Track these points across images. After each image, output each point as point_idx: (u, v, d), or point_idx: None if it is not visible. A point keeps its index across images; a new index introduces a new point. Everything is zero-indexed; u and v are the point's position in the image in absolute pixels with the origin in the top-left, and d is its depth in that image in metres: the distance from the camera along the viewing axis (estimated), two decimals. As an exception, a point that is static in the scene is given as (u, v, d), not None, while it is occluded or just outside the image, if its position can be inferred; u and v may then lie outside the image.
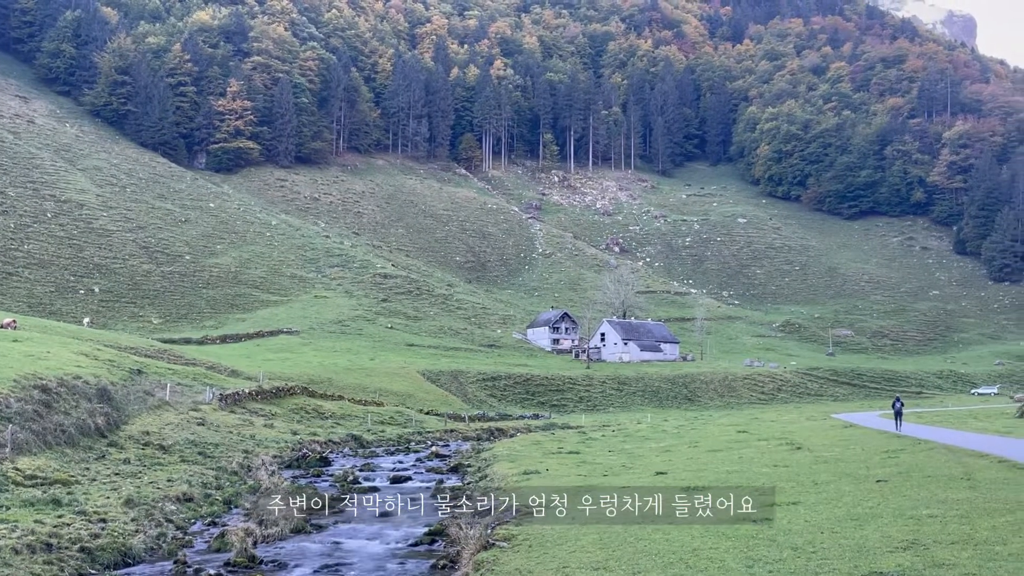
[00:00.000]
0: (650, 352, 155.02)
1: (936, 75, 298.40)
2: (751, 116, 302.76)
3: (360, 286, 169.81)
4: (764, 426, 68.41)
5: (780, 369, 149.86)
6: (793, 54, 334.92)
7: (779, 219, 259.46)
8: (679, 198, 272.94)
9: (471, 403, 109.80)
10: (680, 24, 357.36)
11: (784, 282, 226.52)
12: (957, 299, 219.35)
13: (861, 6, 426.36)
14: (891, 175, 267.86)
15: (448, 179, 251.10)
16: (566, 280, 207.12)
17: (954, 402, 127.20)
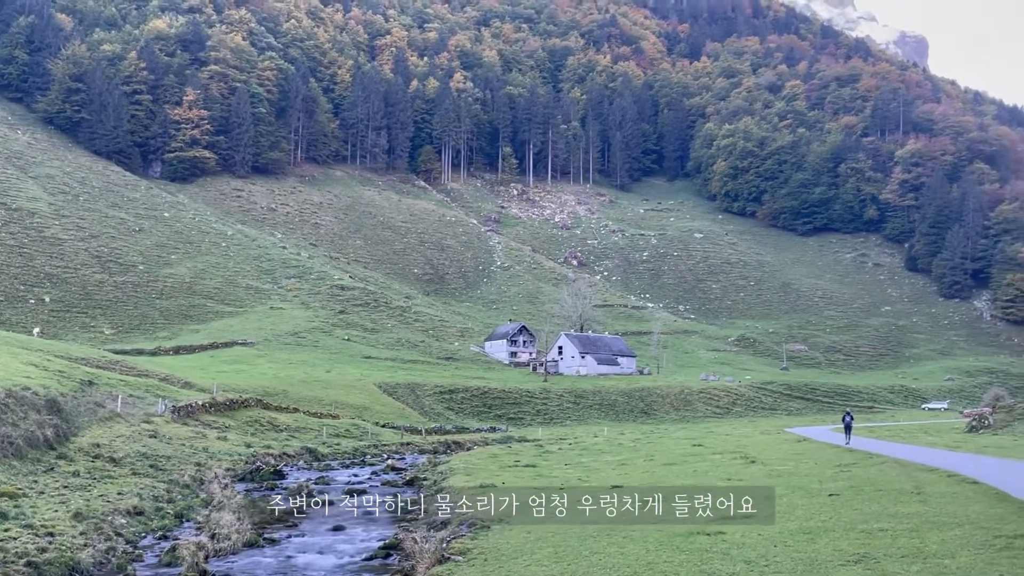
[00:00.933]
0: (607, 366, 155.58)
1: (889, 94, 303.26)
2: (708, 132, 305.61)
3: (317, 298, 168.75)
4: (719, 440, 68.97)
5: (735, 383, 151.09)
6: (749, 72, 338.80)
7: (735, 234, 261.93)
8: (637, 213, 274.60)
9: (428, 416, 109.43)
10: (638, 40, 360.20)
11: (740, 297, 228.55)
12: (908, 315, 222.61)
13: (816, 26, 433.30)
14: (845, 192, 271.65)
15: (407, 191, 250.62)
16: (524, 293, 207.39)
17: (905, 417, 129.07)
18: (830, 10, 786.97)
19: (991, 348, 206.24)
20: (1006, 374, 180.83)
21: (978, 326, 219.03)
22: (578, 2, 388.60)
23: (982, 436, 72.39)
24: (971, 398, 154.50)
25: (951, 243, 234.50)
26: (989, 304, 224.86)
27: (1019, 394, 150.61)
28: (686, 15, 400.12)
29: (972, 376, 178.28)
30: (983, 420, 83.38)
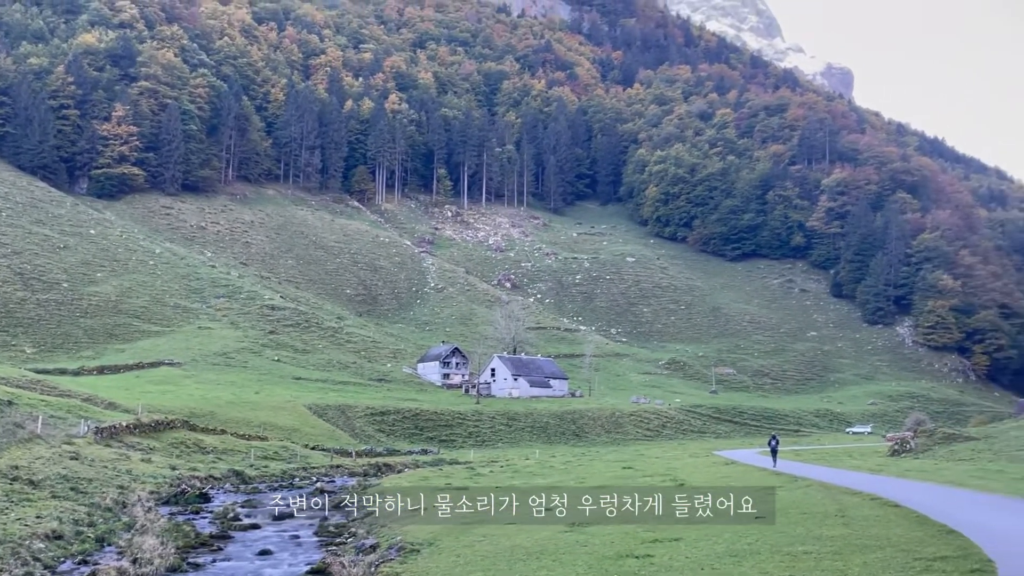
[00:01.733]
0: (539, 388, 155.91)
1: (816, 124, 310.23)
2: (640, 158, 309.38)
3: (246, 318, 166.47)
4: (649, 462, 69.45)
5: (665, 406, 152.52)
6: (681, 99, 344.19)
7: (666, 259, 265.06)
8: (570, 236, 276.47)
9: (359, 438, 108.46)
10: (573, 66, 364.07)
11: (670, 321, 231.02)
12: (834, 340, 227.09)
13: (746, 56, 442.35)
14: (773, 219, 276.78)
15: (340, 211, 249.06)
16: (458, 315, 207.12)
17: (830, 440, 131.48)
18: (759, 41, 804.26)
19: (913, 373, 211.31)
20: (927, 399, 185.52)
21: (900, 352, 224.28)
22: (513, 27, 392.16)
23: (904, 460, 73.98)
24: (893, 422, 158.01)
25: (875, 270, 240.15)
26: (911, 330, 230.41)
27: (939, 419, 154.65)
28: (620, 42, 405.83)
29: (894, 401, 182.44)
30: (905, 444, 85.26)
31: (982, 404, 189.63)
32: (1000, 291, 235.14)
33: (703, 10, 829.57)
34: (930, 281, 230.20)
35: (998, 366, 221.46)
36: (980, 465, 61.89)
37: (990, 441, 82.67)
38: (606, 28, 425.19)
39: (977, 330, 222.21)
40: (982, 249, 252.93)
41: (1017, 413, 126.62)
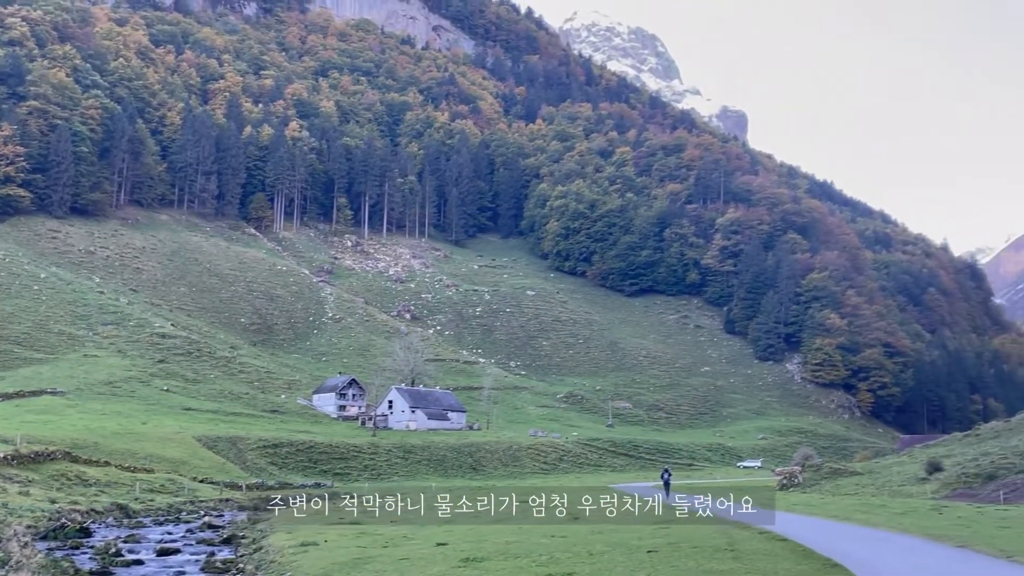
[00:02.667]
0: (437, 420, 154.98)
1: (711, 165, 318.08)
2: (542, 193, 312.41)
3: (135, 346, 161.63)
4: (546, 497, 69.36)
5: (563, 439, 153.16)
6: (582, 136, 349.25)
7: (566, 293, 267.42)
8: (471, 268, 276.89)
9: (250, 471, 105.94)
10: (476, 100, 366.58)
11: (569, 354, 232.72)
12: (726, 376, 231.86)
13: (645, 96, 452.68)
14: (669, 256, 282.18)
15: (236, 238, 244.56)
16: (355, 346, 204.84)
17: (722, 474, 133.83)
18: (658, 82, 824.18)
19: (801, 409, 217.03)
20: (814, 434, 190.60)
21: (790, 388, 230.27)
22: (417, 59, 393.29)
23: (792, 494, 75.68)
24: (782, 457, 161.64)
25: (766, 308, 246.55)
26: (800, 367, 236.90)
27: (826, 454, 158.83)
28: (523, 78, 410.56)
29: (783, 436, 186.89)
30: (793, 478, 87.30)
31: (866, 440, 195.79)
32: (884, 331, 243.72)
33: (604, 50, 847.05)
34: (818, 319, 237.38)
35: (882, 403, 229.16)
36: (864, 499, 63.71)
37: (873, 476, 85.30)
38: (510, 64, 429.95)
39: (862, 368, 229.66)
40: (867, 290, 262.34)
41: (899, 449, 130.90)
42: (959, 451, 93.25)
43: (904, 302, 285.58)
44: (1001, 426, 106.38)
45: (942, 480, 74.77)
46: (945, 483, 73.14)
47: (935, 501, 63.08)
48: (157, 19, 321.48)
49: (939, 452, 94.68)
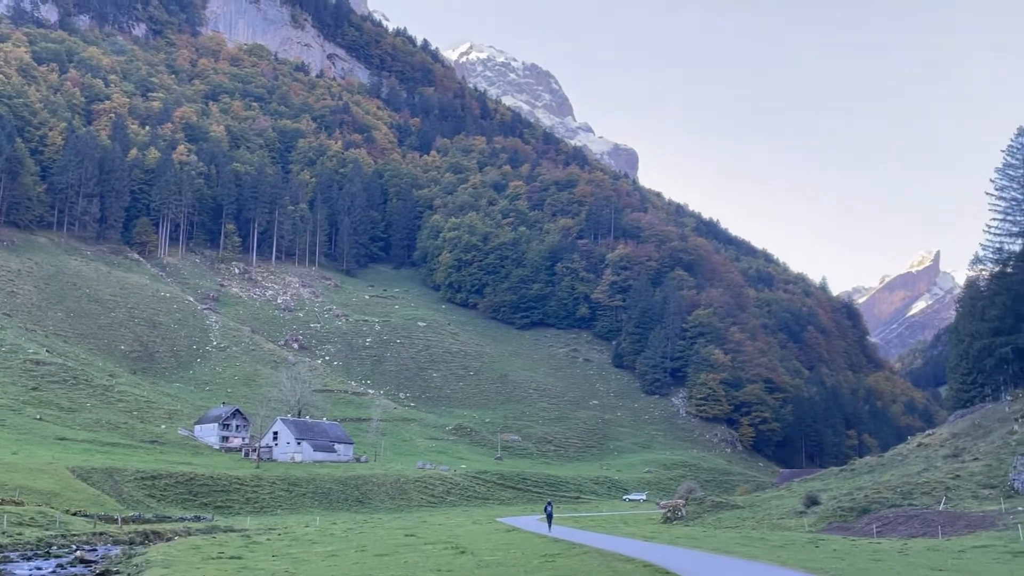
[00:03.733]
0: (324, 452, 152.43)
1: (602, 201, 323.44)
2: (435, 224, 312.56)
3: (7, 372, 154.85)
4: (432, 529, 68.94)
5: (451, 472, 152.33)
6: (476, 169, 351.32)
7: (457, 324, 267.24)
8: (362, 298, 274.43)
9: (127, 504, 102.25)
10: (371, 129, 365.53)
11: (459, 386, 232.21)
12: (614, 409, 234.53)
13: (539, 132, 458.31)
14: (560, 290, 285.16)
15: (119, 263, 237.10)
16: (241, 375, 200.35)
17: (608, 507, 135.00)
18: (552, 118, 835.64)
19: (686, 443, 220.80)
20: (698, 467, 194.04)
21: (675, 421, 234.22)
22: (311, 86, 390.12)
23: (676, 527, 76.78)
24: (667, 490, 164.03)
25: (653, 343, 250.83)
26: (685, 401, 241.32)
27: (709, 487, 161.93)
28: (418, 110, 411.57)
29: (669, 469, 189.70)
30: (677, 511, 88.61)
31: (748, 473, 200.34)
32: (765, 367, 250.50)
33: (499, 85, 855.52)
34: (703, 355, 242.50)
35: (762, 437, 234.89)
36: (744, 532, 65.08)
37: (754, 509, 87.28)
38: (405, 95, 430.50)
39: (744, 403, 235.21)
40: (750, 327, 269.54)
41: (779, 483, 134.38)
42: (835, 485, 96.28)
43: (785, 339, 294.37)
44: (874, 461, 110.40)
45: (819, 513, 77.02)
46: (822, 516, 75.37)
47: (812, 534, 64.92)
48: (41, 36, 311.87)
49: (816, 486, 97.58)
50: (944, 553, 45.54)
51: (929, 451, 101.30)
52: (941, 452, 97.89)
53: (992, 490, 73.92)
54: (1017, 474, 73.32)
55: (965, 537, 55.72)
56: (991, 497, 71.79)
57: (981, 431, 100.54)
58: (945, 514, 66.32)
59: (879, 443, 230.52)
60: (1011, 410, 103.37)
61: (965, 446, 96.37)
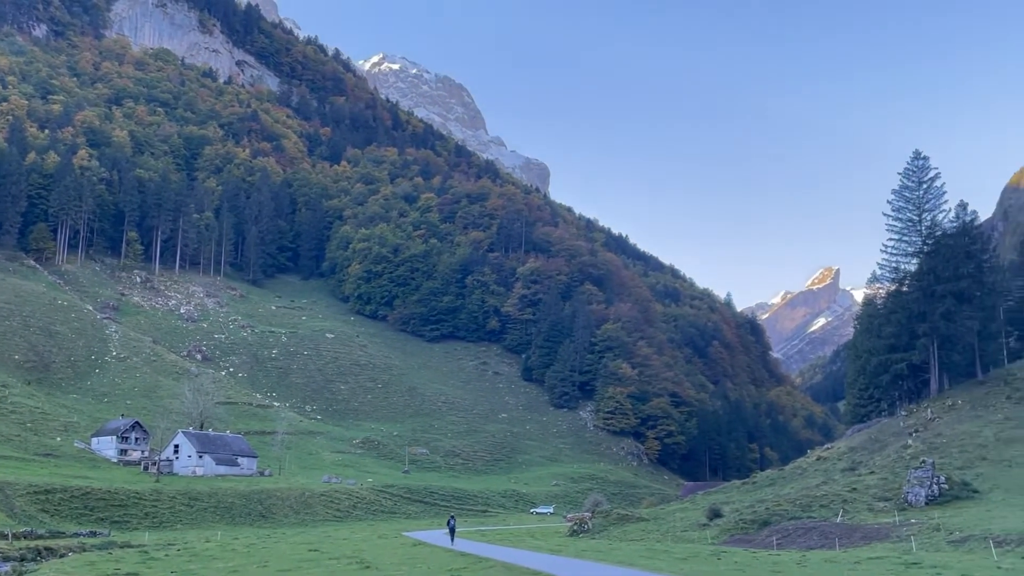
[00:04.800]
0: (226, 466, 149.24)
1: (514, 215, 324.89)
2: (345, 235, 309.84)
3: None
4: (337, 544, 68.02)
5: (357, 486, 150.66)
6: (387, 180, 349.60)
7: (366, 336, 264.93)
8: (269, 309, 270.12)
9: (18, 519, 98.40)
10: (280, 138, 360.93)
11: (367, 399, 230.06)
12: (522, 422, 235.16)
13: (451, 144, 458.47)
14: (470, 303, 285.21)
15: (14, 270, 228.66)
16: (141, 387, 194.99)
17: (516, 520, 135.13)
18: (464, 131, 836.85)
19: (593, 456, 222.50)
20: (605, 480, 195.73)
21: (583, 435, 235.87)
22: (219, 93, 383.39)
23: (581, 540, 77.18)
24: (574, 503, 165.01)
25: (562, 356, 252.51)
26: (593, 415, 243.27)
27: (615, 500, 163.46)
28: (329, 119, 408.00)
29: (576, 482, 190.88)
30: (583, 524, 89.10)
31: (653, 486, 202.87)
32: (671, 381, 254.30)
33: (412, 96, 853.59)
34: (611, 369, 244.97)
35: (668, 451, 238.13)
36: (649, 545, 65.75)
37: (659, 522, 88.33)
38: (315, 104, 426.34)
39: (651, 416, 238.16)
40: (657, 341, 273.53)
41: (683, 495, 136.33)
42: (737, 498, 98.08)
43: (690, 353, 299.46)
44: (775, 474, 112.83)
45: (721, 526, 78.32)
46: (724, 529, 76.64)
47: (715, 546, 65.95)
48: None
49: (719, 499, 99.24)
50: (841, 564, 46.67)
51: (827, 464, 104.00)
52: (839, 465, 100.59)
53: (887, 503, 76.17)
54: (911, 487, 75.69)
55: (861, 548, 57.27)
56: (886, 509, 73.96)
57: (877, 445, 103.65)
58: (842, 526, 68.08)
59: (780, 456, 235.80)
60: (905, 425, 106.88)
61: (862, 460, 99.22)
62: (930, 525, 62.00)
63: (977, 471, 79.73)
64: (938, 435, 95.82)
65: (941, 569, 42.10)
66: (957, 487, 74.63)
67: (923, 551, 52.60)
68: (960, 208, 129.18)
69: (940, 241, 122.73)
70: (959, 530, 57.98)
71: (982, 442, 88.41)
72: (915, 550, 53.19)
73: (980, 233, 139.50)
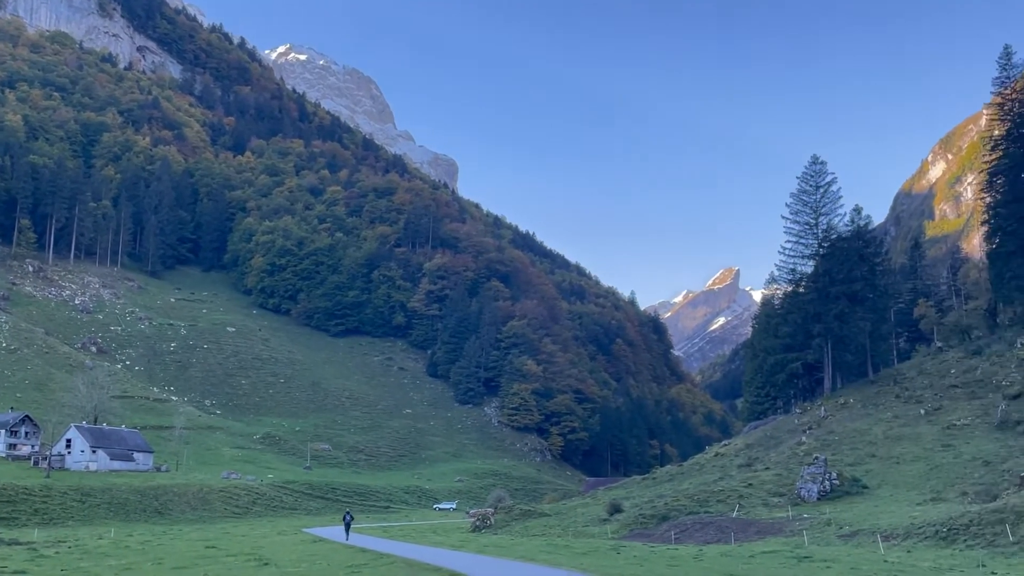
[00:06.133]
0: (121, 461, 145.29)
1: (421, 210, 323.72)
2: (248, 227, 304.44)
3: None
4: (235, 541, 66.93)
5: (257, 482, 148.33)
6: (293, 172, 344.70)
7: (268, 331, 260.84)
8: (168, 301, 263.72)
9: None
10: (182, 127, 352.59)
11: (269, 394, 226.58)
12: (427, 418, 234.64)
13: (359, 138, 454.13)
14: (376, 298, 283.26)
15: None
16: (32, 380, 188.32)
17: (419, 516, 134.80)
18: (372, 125, 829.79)
19: (497, 452, 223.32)
20: (508, 476, 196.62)
21: (487, 431, 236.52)
22: (119, 79, 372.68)
23: (484, 535, 77.46)
24: (478, 499, 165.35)
25: (468, 353, 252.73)
26: (497, 411, 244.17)
27: (518, 496, 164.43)
28: (233, 109, 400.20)
29: (479, 478, 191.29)
30: (486, 520, 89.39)
31: (556, 482, 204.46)
32: (576, 378, 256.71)
33: (319, 88, 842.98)
34: (516, 365, 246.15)
35: (571, 447, 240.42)
36: (550, 540, 66.36)
37: (561, 517, 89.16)
38: (219, 92, 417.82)
39: (555, 413, 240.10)
40: (562, 338, 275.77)
41: (585, 491, 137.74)
42: (637, 493, 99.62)
43: (594, 351, 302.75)
44: (675, 470, 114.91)
45: (621, 521, 79.47)
46: (624, 524, 77.79)
47: (615, 541, 66.91)
48: None
49: (620, 494, 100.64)
50: (736, 558, 47.87)
51: (725, 461, 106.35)
52: (736, 462, 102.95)
53: (781, 498, 78.27)
54: (804, 483, 77.93)
55: (756, 543, 58.78)
56: (780, 505, 76.00)
57: (773, 442, 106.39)
58: (738, 521, 69.77)
59: (680, 453, 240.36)
60: (799, 422, 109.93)
61: (758, 456, 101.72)
62: (822, 520, 63.97)
63: (867, 467, 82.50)
64: (831, 432, 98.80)
65: (831, 563, 43.53)
66: (848, 483, 77.12)
67: (815, 545, 54.28)
68: (855, 212, 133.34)
69: (835, 244, 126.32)
70: (849, 525, 59.97)
71: (872, 439, 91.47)
72: (807, 544, 54.84)
73: (873, 237, 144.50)
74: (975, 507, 55.33)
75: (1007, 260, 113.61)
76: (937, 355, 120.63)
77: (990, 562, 41.67)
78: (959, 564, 41.80)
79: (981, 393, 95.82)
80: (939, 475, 74.38)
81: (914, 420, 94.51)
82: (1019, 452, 73.16)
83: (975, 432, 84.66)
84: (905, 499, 69.28)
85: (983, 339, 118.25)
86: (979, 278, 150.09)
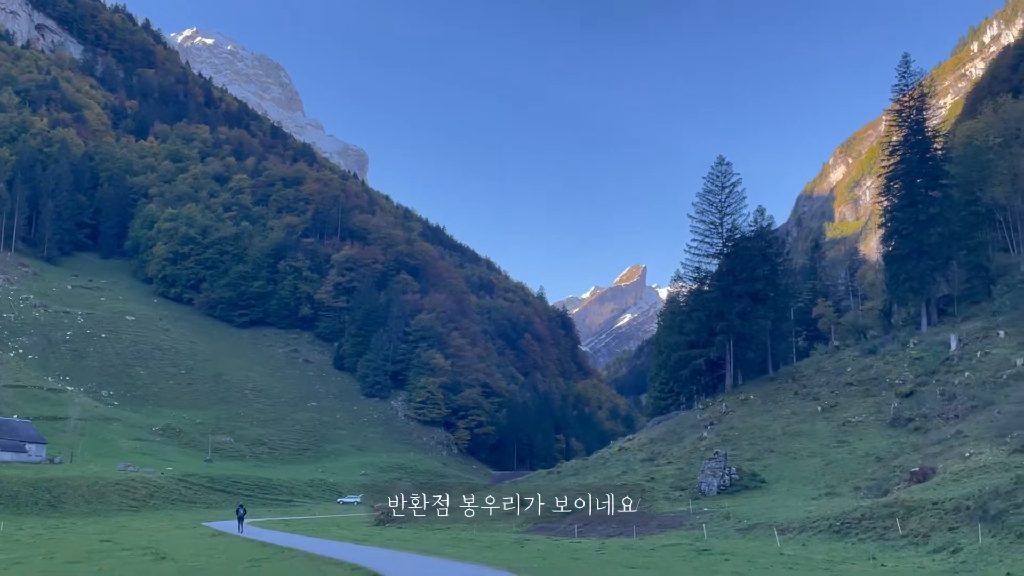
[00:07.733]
0: (12, 453, 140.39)
1: (330, 200, 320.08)
2: (150, 213, 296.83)
3: None
4: (131, 535, 65.35)
5: (155, 475, 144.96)
6: (198, 159, 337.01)
7: (169, 320, 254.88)
8: (64, 288, 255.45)
9: None
10: (82, 108, 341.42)
11: (169, 385, 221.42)
12: (333, 411, 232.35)
13: (266, 125, 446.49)
14: (282, 288, 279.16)
15: None
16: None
17: (322, 511, 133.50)
18: (280, 112, 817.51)
19: (404, 445, 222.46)
20: (414, 470, 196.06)
21: (394, 424, 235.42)
22: (16, 57, 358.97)
23: (388, 529, 77.17)
24: (382, 492, 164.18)
25: (375, 346, 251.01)
26: (404, 404, 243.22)
27: (424, 489, 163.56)
28: (136, 92, 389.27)
29: (385, 472, 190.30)
30: (390, 514, 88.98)
31: (462, 476, 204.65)
32: (483, 372, 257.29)
33: (226, 73, 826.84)
34: (424, 359, 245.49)
35: (478, 441, 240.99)
36: (454, 534, 66.43)
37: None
38: (122, 75, 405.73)
39: (462, 407, 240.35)
40: (471, 332, 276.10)
41: (491, 484, 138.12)
42: (542, 487, 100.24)
43: (503, 345, 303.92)
44: (579, 464, 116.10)
45: (526, 515, 79.87)
46: (528, 517, 78.21)
47: (519, 535, 67.26)
48: None
49: (525, 488, 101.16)
50: (637, 552, 48.57)
51: (629, 455, 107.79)
52: (639, 456, 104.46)
53: (682, 492, 79.74)
54: (704, 477, 79.51)
55: (657, 536, 59.76)
56: (681, 499, 77.43)
57: (675, 437, 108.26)
58: (640, 515, 70.79)
59: (585, 447, 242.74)
60: (701, 417, 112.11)
61: (661, 451, 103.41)
62: (721, 513, 65.34)
63: (765, 462, 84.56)
64: (731, 428, 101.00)
65: (729, 555, 44.49)
66: (747, 478, 78.97)
67: (714, 538, 55.41)
68: (758, 213, 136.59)
69: (739, 244, 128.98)
70: (747, 518, 61.37)
71: (771, 435, 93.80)
72: (706, 537, 55.95)
73: (775, 237, 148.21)
74: (867, 501, 57.22)
75: (902, 262, 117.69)
76: (834, 354, 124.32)
77: (880, 554, 43.13)
78: (851, 556, 43.16)
79: (875, 391, 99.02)
80: (834, 470, 76.67)
81: (811, 417, 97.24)
82: (910, 448, 75.80)
83: (869, 429, 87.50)
84: (801, 493, 71.22)
85: (878, 339, 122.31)
86: (875, 279, 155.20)
